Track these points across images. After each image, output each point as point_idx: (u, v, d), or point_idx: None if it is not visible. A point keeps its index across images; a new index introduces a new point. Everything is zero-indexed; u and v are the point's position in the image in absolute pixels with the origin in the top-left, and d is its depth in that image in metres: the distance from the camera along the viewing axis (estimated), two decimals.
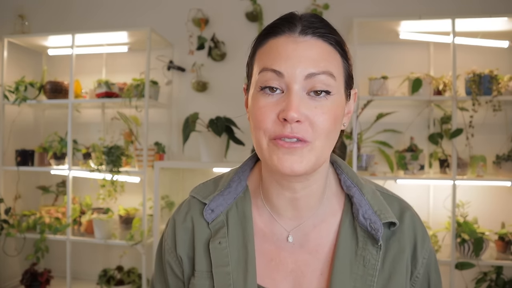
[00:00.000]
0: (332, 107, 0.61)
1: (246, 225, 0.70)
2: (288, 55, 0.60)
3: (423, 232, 0.72)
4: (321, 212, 0.71)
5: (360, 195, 0.70)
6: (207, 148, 2.26)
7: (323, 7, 2.45)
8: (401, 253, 0.68)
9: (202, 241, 0.71)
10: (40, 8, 2.87)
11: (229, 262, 0.68)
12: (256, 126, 0.62)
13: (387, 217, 0.68)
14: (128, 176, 2.41)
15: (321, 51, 0.62)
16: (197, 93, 2.64)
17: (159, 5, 2.72)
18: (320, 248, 0.69)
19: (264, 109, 0.61)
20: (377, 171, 2.26)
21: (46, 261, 2.68)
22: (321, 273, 0.68)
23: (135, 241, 2.32)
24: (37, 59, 2.88)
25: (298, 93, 0.60)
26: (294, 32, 0.62)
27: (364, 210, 0.69)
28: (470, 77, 2.14)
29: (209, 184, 0.77)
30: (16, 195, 2.64)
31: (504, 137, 2.33)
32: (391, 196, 0.74)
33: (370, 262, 0.66)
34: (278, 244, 0.70)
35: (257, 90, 0.63)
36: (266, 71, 0.61)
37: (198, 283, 0.69)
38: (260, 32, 0.67)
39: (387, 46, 2.48)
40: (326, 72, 0.60)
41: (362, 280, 0.66)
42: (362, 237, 0.68)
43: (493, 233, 2.21)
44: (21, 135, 2.76)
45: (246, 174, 0.76)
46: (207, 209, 0.72)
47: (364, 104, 2.21)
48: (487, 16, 2.09)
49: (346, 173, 0.74)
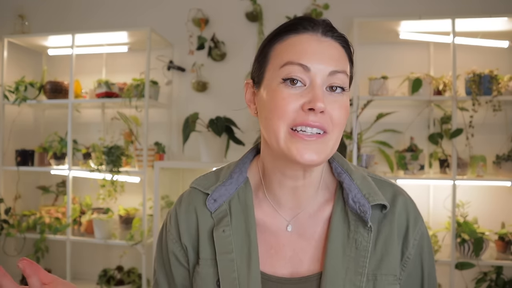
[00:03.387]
0: (345, 103, 0.67)
1: (248, 214, 0.73)
2: (314, 52, 0.65)
3: (415, 214, 0.74)
4: (317, 201, 0.74)
5: (349, 180, 0.73)
6: (207, 148, 2.26)
7: (323, 7, 2.45)
8: (393, 235, 0.71)
9: (206, 230, 0.73)
10: (40, 8, 2.87)
11: (233, 249, 0.70)
12: (274, 116, 0.65)
13: (375, 199, 0.71)
14: (128, 176, 2.41)
15: (339, 53, 0.67)
16: (197, 93, 2.64)
17: (159, 5, 2.72)
18: (316, 235, 0.72)
19: (289, 99, 0.64)
20: (377, 171, 2.26)
21: (46, 261, 2.67)
22: (316, 258, 0.71)
23: (135, 241, 2.32)
24: (37, 59, 2.88)
25: (321, 87, 0.64)
26: (317, 32, 0.67)
27: (354, 194, 0.71)
28: (470, 77, 2.14)
29: (210, 175, 0.79)
30: (16, 195, 2.64)
31: (504, 137, 2.33)
32: (384, 181, 0.77)
33: (362, 244, 0.69)
34: (277, 233, 0.73)
35: (278, 82, 0.66)
36: (292, 64, 0.64)
37: (203, 271, 0.72)
38: (277, 29, 0.70)
39: (387, 46, 2.48)
40: (344, 72, 0.66)
41: (355, 261, 0.68)
42: (353, 220, 0.71)
43: (493, 233, 2.21)
44: (21, 135, 2.76)
45: (246, 166, 0.78)
46: (210, 199, 0.74)
47: (364, 104, 2.21)
48: (487, 16, 2.10)
49: (337, 161, 0.77)
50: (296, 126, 0.64)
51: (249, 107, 0.75)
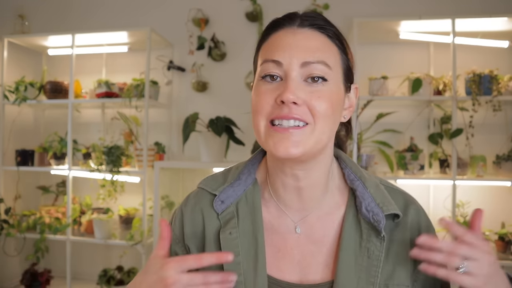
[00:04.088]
0: (328, 93, 0.64)
1: (256, 216, 0.72)
2: (286, 45, 0.64)
3: (427, 225, 0.73)
4: (325, 204, 0.73)
5: (363, 188, 0.72)
6: (207, 148, 2.26)
7: (323, 7, 2.45)
8: (405, 245, 0.69)
9: (212, 231, 0.72)
10: (40, 8, 2.87)
11: (240, 252, 0.69)
12: (254, 111, 0.66)
13: (389, 209, 0.69)
14: (128, 176, 2.41)
15: (318, 42, 0.65)
16: (197, 93, 2.64)
17: (159, 5, 2.72)
18: (325, 239, 0.71)
19: (264, 94, 0.65)
20: (377, 171, 2.26)
21: (46, 261, 2.67)
22: (326, 264, 0.70)
23: (135, 241, 2.32)
24: (37, 59, 2.88)
25: (295, 79, 0.63)
26: (293, 25, 0.67)
27: (367, 203, 0.70)
28: (470, 77, 2.14)
29: (218, 176, 0.78)
30: (16, 195, 2.64)
31: (504, 137, 2.33)
32: (396, 190, 0.76)
33: (374, 253, 0.67)
34: (285, 235, 0.72)
35: (258, 79, 0.67)
36: (267, 62, 0.65)
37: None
38: (264, 30, 0.71)
39: (387, 46, 2.48)
40: (321, 62, 0.64)
41: (367, 271, 0.67)
42: (365, 229, 0.69)
43: (493, 233, 2.21)
44: (21, 135, 2.76)
45: (255, 167, 0.77)
46: (217, 200, 0.73)
47: (364, 104, 2.21)
48: (487, 16, 2.10)
49: (350, 167, 0.75)
50: (273, 119, 0.64)
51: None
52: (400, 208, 0.71)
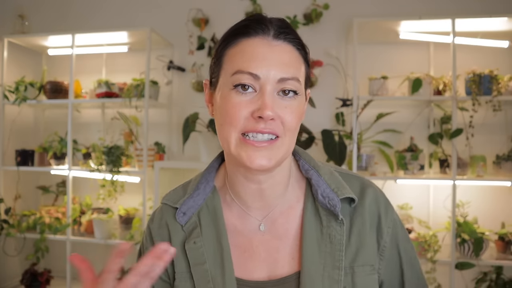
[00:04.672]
0: (298, 107, 0.67)
1: (218, 222, 0.73)
2: (263, 58, 0.64)
3: (385, 204, 0.75)
4: (286, 199, 0.75)
5: (317, 176, 0.74)
6: (207, 148, 2.26)
7: (323, 7, 2.45)
8: (365, 226, 0.72)
9: (178, 243, 0.73)
10: (40, 8, 2.87)
11: (206, 260, 0.70)
12: (226, 122, 0.66)
13: (344, 193, 0.71)
14: (128, 176, 2.41)
15: (291, 56, 0.66)
16: (197, 93, 2.64)
17: (159, 5, 2.72)
18: (288, 232, 0.73)
19: (238, 106, 0.64)
20: (377, 171, 2.26)
21: (46, 261, 2.67)
22: (292, 257, 0.71)
23: (135, 241, 2.31)
24: (37, 59, 2.88)
25: (270, 94, 0.64)
26: (268, 35, 0.66)
27: (322, 189, 0.72)
28: (470, 77, 2.14)
29: (178, 189, 0.80)
30: (16, 195, 2.63)
31: (504, 137, 2.33)
32: (352, 176, 0.78)
33: (336, 238, 0.69)
34: (250, 235, 0.73)
35: (229, 88, 0.65)
36: (242, 73, 0.64)
37: (180, 285, 0.72)
38: (227, 32, 0.69)
39: (387, 46, 2.48)
40: (294, 78, 0.65)
41: (331, 256, 0.69)
42: (324, 216, 0.71)
43: (493, 233, 2.21)
44: (21, 135, 2.76)
45: (212, 175, 0.79)
46: (179, 212, 0.75)
47: (364, 104, 2.21)
48: (487, 16, 2.10)
49: (304, 158, 0.78)
50: (247, 132, 0.64)
51: (208, 107, 0.75)
52: (356, 193, 0.73)
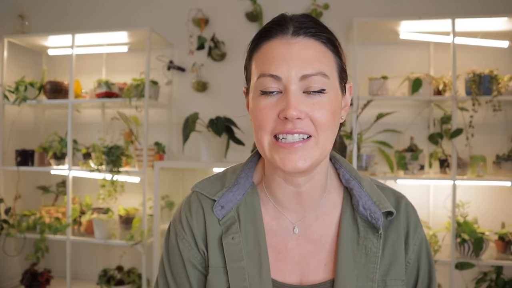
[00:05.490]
0: (328, 102, 0.64)
1: (257, 220, 0.72)
2: (282, 58, 0.63)
3: (415, 219, 0.75)
4: (323, 204, 0.73)
5: (359, 188, 0.73)
6: (207, 148, 2.26)
7: (323, 7, 2.45)
8: (399, 240, 0.71)
9: (214, 237, 0.72)
10: (40, 8, 2.87)
11: (243, 257, 0.69)
12: (258, 126, 0.65)
13: (385, 206, 0.71)
14: (128, 176, 2.41)
15: (314, 51, 0.64)
16: (197, 93, 2.64)
17: (159, 5, 2.72)
18: (323, 238, 0.72)
19: (265, 110, 0.64)
20: (377, 171, 2.26)
21: (46, 261, 2.67)
22: (325, 263, 0.71)
23: (135, 241, 2.31)
24: (37, 59, 2.88)
25: (295, 93, 0.63)
26: (287, 34, 0.65)
27: (364, 201, 0.72)
28: (470, 77, 2.14)
29: (214, 180, 0.77)
30: (16, 195, 2.63)
31: (504, 137, 2.33)
32: (386, 188, 0.78)
33: (372, 250, 0.69)
34: (284, 236, 0.72)
35: (257, 94, 0.66)
36: (264, 76, 0.64)
37: (214, 279, 0.70)
38: (254, 36, 0.69)
39: (387, 46, 2.48)
40: (319, 73, 0.63)
41: (365, 268, 0.68)
42: (362, 227, 0.71)
43: (493, 233, 2.21)
44: (21, 135, 2.76)
45: (252, 170, 0.77)
46: (217, 205, 0.72)
47: (364, 104, 2.21)
48: (487, 16, 2.09)
49: (345, 167, 0.77)
50: (277, 134, 0.64)
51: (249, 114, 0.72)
52: (392, 205, 0.74)
